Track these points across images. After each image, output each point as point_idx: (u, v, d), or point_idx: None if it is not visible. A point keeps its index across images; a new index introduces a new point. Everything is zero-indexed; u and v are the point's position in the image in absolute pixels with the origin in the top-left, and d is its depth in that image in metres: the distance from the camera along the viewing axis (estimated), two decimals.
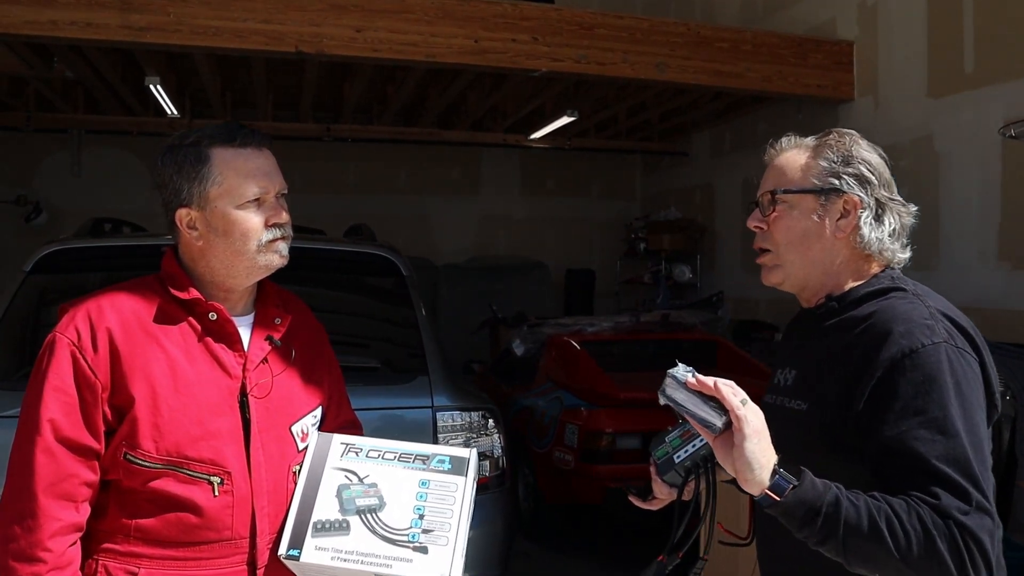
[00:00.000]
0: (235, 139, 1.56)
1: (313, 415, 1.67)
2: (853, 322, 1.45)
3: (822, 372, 1.46)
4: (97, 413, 1.46)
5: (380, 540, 1.49)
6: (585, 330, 6.02)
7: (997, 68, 5.57)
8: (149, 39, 5.40)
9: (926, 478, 1.28)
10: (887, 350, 1.35)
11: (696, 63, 6.51)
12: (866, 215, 1.49)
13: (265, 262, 1.58)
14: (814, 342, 1.52)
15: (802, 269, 1.54)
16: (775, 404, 1.55)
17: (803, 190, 1.52)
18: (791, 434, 1.43)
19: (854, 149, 1.52)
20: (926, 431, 1.30)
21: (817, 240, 1.51)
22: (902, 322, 1.38)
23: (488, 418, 3.05)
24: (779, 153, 1.59)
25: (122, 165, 9.77)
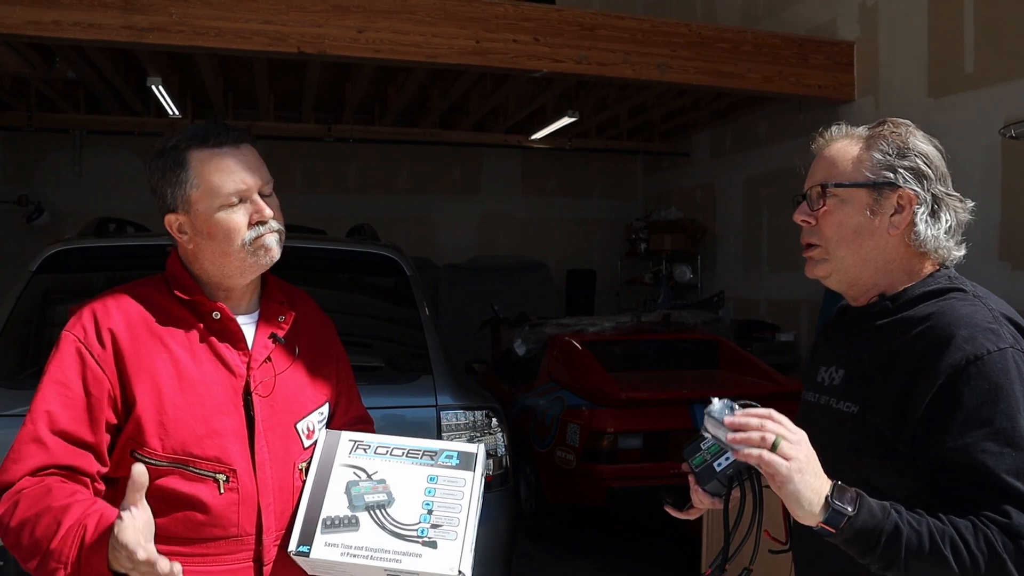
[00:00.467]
0: (208, 139, 1.55)
1: (319, 412, 1.68)
2: (910, 323, 1.39)
3: (876, 374, 1.40)
4: (102, 409, 1.48)
5: (389, 536, 1.50)
6: (587, 330, 6.03)
7: (997, 68, 5.59)
8: (151, 40, 5.40)
9: (994, 494, 1.23)
10: (949, 356, 1.29)
11: (697, 64, 6.51)
12: (922, 211, 1.42)
13: (254, 260, 1.58)
14: (864, 342, 1.46)
15: (853, 266, 1.47)
16: (821, 404, 1.50)
17: (856, 184, 1.44)
18: (840, 437, 1.40)
19: (910, 140, 1.45)
20: (993, 443, 1.24)
21: (870, 236, 1.44)
22: (965, 326, 1.32)
23: (492, 417, 3.06)
24: (828, 143, 1.53)
25: (123, 165, 9.79)
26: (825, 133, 1.54)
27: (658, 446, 4.79)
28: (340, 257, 3.41)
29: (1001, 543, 1.19)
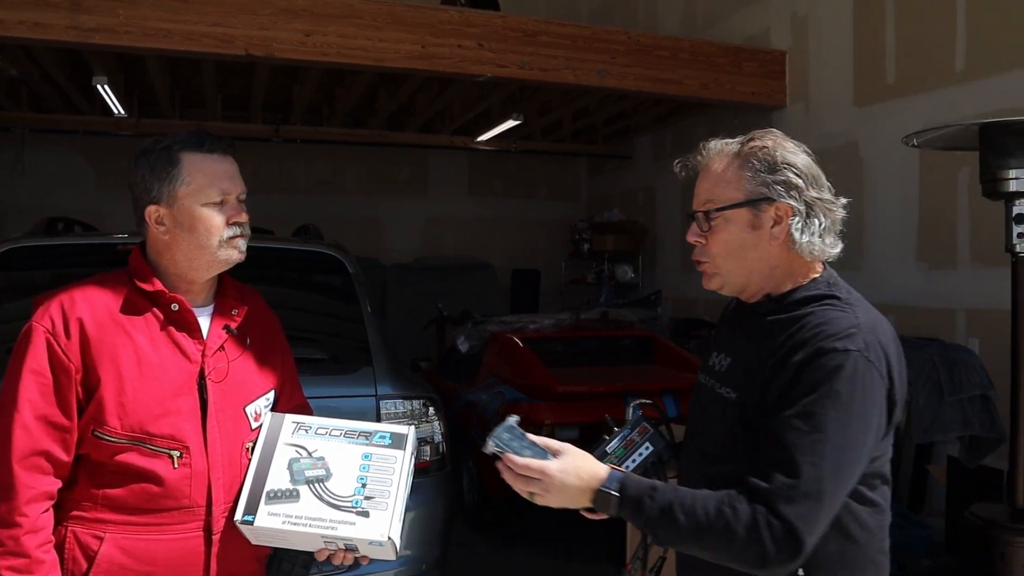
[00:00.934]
0: (204, 145, 1.75)
1: (266, 397, 1.86)
2: (789, 323, 1.52)
3: (752, 366, 1.53)
4: (71, 394, 1.63)
5: (327, 506, 1.67)
6: (527, 327, 6.21)
7: (915, 80, 5.90)
8: (98, 40, 5.41)
9: (773, 459, 1.39)
10: (804, 350, 1.44)
11: (636, 70, 6.73)
12: (797, 220, 1.53)
13: (225, 256, 1.76)
14: (749, 335, 1.60)
15: (740, 276, 1.60)
16: (708, 386, 1.65)
17: (736, 204, 1.56)
18: (721, 421, 1.56)
19: (778, 154, 1.55)
20: (801, 421, 1.39)
21: (753, 249, 1.57)
22: (829, 327, 1.46)
23: (429, 406, 3.23)
24: (707, 161, 1.63)
25: (68, 164, 9.70)
26: (703, 151, 1.65)
27: (594, 437, 4.95)
28: (286, 256, 3.55)
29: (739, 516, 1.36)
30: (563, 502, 1.47)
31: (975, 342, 5.23)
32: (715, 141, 1.64)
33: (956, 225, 5.60)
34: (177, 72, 7.78)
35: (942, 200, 5.69)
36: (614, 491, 1.45)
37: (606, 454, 1.63)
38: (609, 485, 1.45)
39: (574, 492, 1.46)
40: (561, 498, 1.47)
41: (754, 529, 1.35)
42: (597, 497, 1.45)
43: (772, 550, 1.34)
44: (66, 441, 1.64)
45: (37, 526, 1.58)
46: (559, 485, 1.46)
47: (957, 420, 3.38)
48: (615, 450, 1.64)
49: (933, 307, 5.72)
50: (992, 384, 3.64)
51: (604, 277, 10.01)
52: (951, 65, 5.60)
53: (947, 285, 5.64)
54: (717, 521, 1.37)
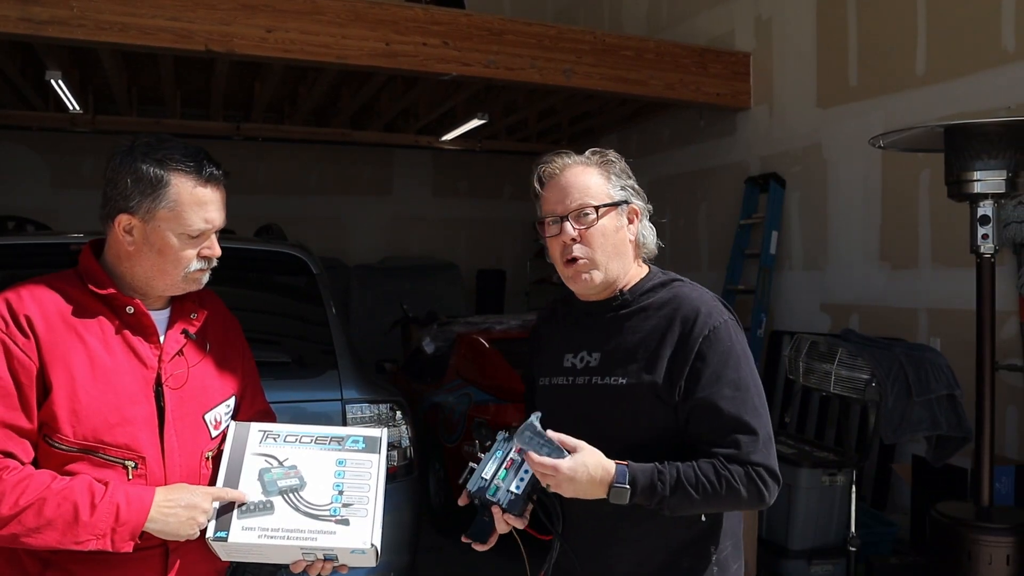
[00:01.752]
0: (202, 173, 1.65)
1: (226, 404, 1.77)
2: (655, 306, 1.76)
3: (638, 350, 1.72)
4: (32, 394, 1.54)
5: (304, 516, 1.61)
6: (493, 328, 6.17)
7: (877, 82, 5.97)
8: (51, 33, 5.26)
9: (728, 428, 1.64)
10: (699, 328, 1.69)
11: (602, 70, 6.73)
12: (645, 220, 1.82)
13: (184, 287, 1.70)
14: (614, 328, 1.77)
15: (613, 271, 1.77)
16: (579, 384, 1.77)
17: (611, 203, 1.76)
18: (613, 406, 1.72)
19: (622, 164, 1.81)
20: (728, 389, 1.65)
21: (622, 245, 1.77)
22: (703, 304, 1.73)
23: (396, 410, 3.17)
24: (564, 169, 1.78)
25: (21, 161, 9.46)
26: (554, 161, 1.80)
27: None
28: (248, 256, 3.46)
29: (736, 476, 1.60)
30: (577, 493, 1.60)
31: (936, 341, 5.29)
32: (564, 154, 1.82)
33: (918, 226, 5.67)
34: (134, 67, 7.61)
35: (904, 201, 5.76)
36: (626, 485, 1.59)
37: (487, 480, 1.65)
38: (621, 480, 1.59)
39: (586, 486, 1.59)
40: (574, 490, 1.60)
41: (751, 482, 1.62)
42: (611, 493, 1.59)
43: (766, 491, 1.63)
44: (27, 444, 1.55)
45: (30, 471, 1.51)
46: (570, 479, 1.58)
47: (926, 420, 3.41)
48: (496, 474, 1.65)
49: (895, 307, 5.79)
50: (958, 384, 3.67)
51: None
52: (912, 68, 5.67)
53: (909, 285, 5.70)
54: (722, 486, 1.60)
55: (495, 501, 1.64)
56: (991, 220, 3.29)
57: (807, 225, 6.58)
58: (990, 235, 3.31)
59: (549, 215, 1.78)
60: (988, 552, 3.23)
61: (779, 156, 6.93)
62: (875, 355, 3.47)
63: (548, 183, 1.80)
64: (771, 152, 7.04)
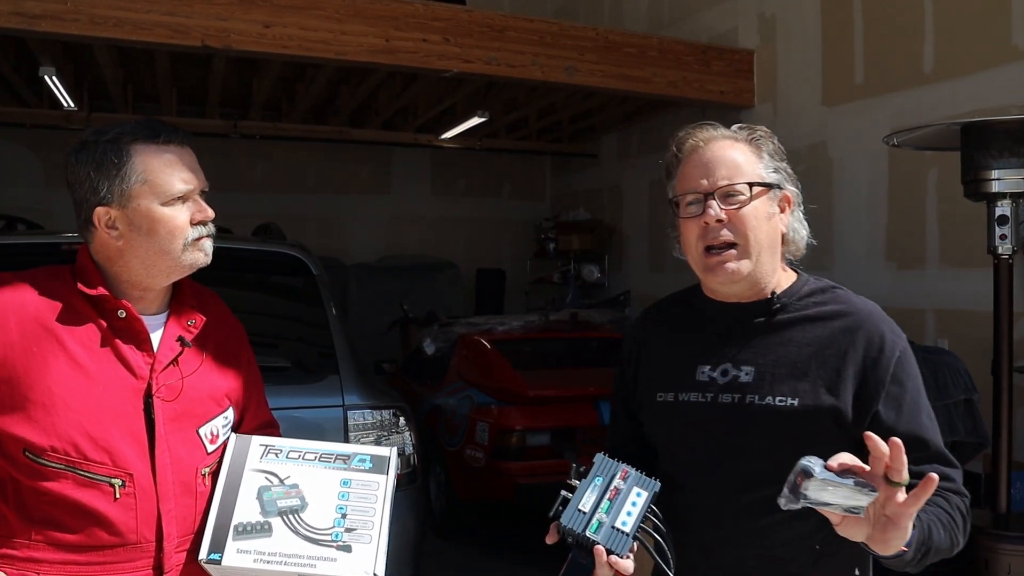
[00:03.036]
0: (159, 136, 1.53)
1: (224, 417, 1.65)
2: (823, 316, 1.47)
3: (808, 366, 1.44)
4: None
5: (303, 540, 1.49)
6: (495, 329, 6.08)
7: (884, 80, 5.89)
8: (44, 28, 5.17)
9: (934, 459, 1.42)
10: (890, 350, 1.44)
11: (604, 67, 6.65)
12: (798, 211, 1.51)
13: (190, 261, 1.56)
14: (770, 336, 1.48)
15: (763, 265, 1.48)
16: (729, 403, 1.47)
17: (765, 184, 1.46)
18: (778, 431, 1.42)
19: (779, 144, 1.52)
20: (927, 419, 1.44)
21: (774, 234, 1.49)
22: (884, 321, 1.48)
23: (399, 416, 3.07)
24: (709, 142, 1.50)
25: (14, 159, 9.34)
26: (698, 133, 1.53)
27: (565, 442, 4.87)
28: (246, 256, 3.36)
29: (964, 508, 1.41)
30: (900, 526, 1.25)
31: (944, 342, 5.22)
32: (710, 125, 1.54)
33: (925, 225, 5.59)
34: (129, 64, 7.51)
35: (911, 200, 5.68)
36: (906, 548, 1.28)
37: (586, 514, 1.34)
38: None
39: None
40: None
41: (966, 514, 1.42)
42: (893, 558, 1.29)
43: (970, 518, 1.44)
44: None
45: None
46: None
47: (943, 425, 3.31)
48: (599, 506, 1.35)
49: (902, 307, 5.69)
50: (975, 388, 3.59)
51: (570, 277, 9.93)
52: (919, 66, 5.60)
53: (916, 285, 5.63)
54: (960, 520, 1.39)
55: (597, 541, 1.33)
56: (1009, 220, 3.21)
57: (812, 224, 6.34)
58: (1008, 235, 3.23)
59: (689, 192, 1.48)
60: (1007, 561, 3.15)
61: None
62: None
63: (688, 156, 1.51)
64: None
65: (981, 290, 5.12)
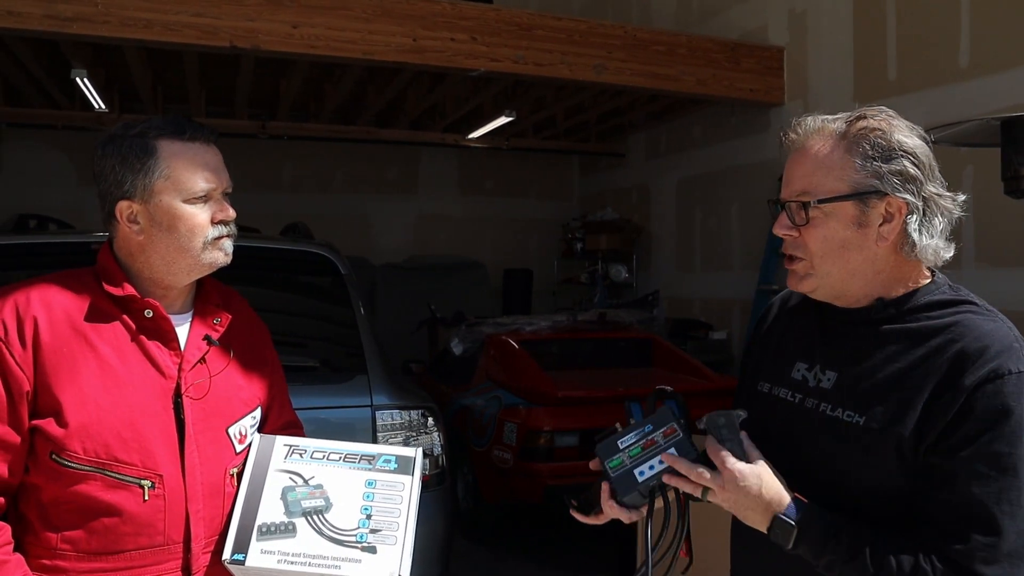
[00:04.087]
0: (184, 132, 1.53)
1: (252, 416, 1.64)
2: (925, 333, 1.30)
3: (888, 385, 1.31)
4: (23, 410, 1.42)
5: (327, 541, 1.47)
6: (523, 329, 6.04)
7: (918, 76, 5.79)
8: (75, 30, 5.23)
9: (962, 513, 1.22)
10: (974, 371, 1.23)
11: (633, 65, 6.60)
12: (915, 219, 1.30)
13: (209, 260, 1.55)
14: (863, 346, 1.36)
15: (840, 280, 1.36)
16: (807, 407, 1.40)
17: (840, 196, 1.31)
18: (838, 448, 1.33)
19: (894, 138, 1.31)
20: (984, 465, 1.21)
21: (858, 250, 1.33)
22: (994, 341, 1.26)
23: (427, 416, 3.04)
24: (803, 140, 1.37)
25: (46, 160, 9.46)
26: (798, 128, 1.39)
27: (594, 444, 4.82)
28: (274, 256, 3.35)
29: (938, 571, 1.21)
30: (733, 506, 1.30)
31: None
32: (814, 117, 1.39)
33: (961, 224, 5.46)
34: (159, 65, 7.58)
35: None
36: (792, 521, 1.27)
37: (617, 449, 1.34)
38: (788, 514, 1.27)
39: (750, 503, 1.29)
40: (734, 502, 1.30)
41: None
42: (775, 523, 1.28)
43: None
44: (14, 462, 1.42)
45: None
46: (736, 487, 1.28)
47: None
48: (630, 447, 1.34)
49: None
50: None
51: (598, 277, 9.87)
52: (955, 60, 5.49)
53: None
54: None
55: (608, 472, 1.34)
56: None
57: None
58: None
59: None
60: None
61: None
62: None
63: (788, 154, 1.40)
64: None
65: (1022, 290, 5.01)
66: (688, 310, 8.49)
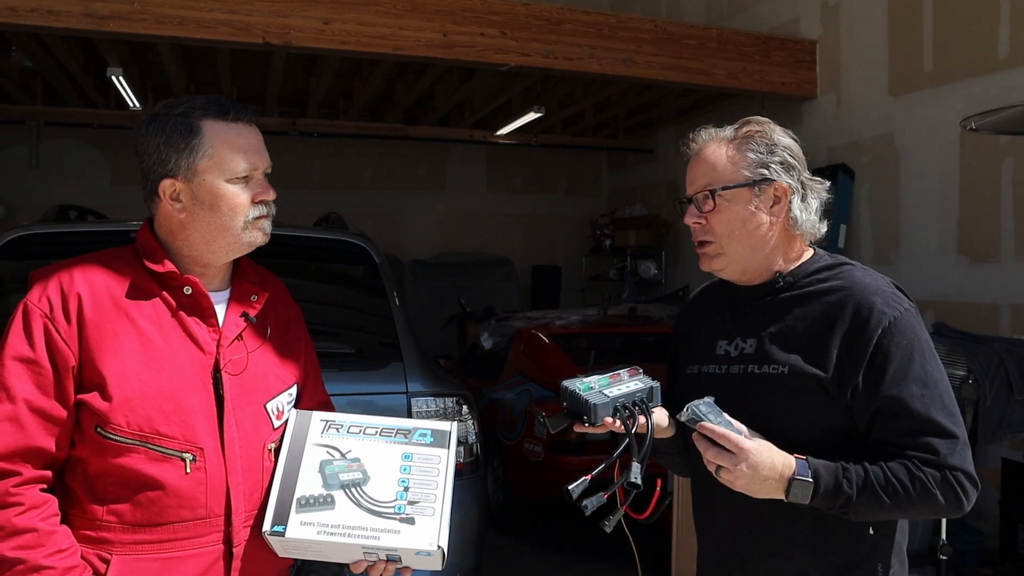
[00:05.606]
0: (228, 112, 1.55)
1: (288, 393, 1.66)
2: (821, 292, 1.59)
3: (800, 337, 1.57)
4: (68, 385, 1.45)
5: (366, 513, 1.49)
6: (553, 323, 6.04)
7: (954, 67, 5.70)
8: (112, 28, 5.30)
9: (922, 430, 1.48)
10: (876, 319, 1.52)
11: (663, 59, 6.56)
12: (796, 199, 1.61)
13: (249, 239, 1.58)
14: (772, 312, 1.62)
15: (744, 257, 1.63)
16: (734, 373, 1.64)
17: (738, 184, 1.60)
18: (771, 397, 1.57)
19: (774, 137, 1.62)
20: (916, 387, 1.49)
21: (756, 228, 1.61)
22: (877, 292, 1.55)
23: (462, 404, 3.06)
24: (701, 147, 1.65)
25: (82, 158, 9.61)
26: (696, 139, 1.67)
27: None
28: (309, 244, 3.38)
29: (932, 480, 1.45)
30: (748, 483, 1.46)
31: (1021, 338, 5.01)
32: (707, 129, 1.68)
33: (1000, 216, 5.39)
34: (192, 63, 7.66)
35: (984, 191, 5.48)
36: (808, 478, 1.45)
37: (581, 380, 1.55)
38: (802, 473, 1.45)
39: (765, 474, 1.45)
40: (748, 478, 1.45)
41: (948, 487, 1.46)
42: (793, 486, 1.45)
43: (965, 498, 1.48)
44: (60, 436, 1.45)
45: (37, 502, 1.41)
46: (751, 463, 1.44)
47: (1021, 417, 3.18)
48: (599, 379, 1.55)
49: (975, 302, 5.52)
50: None
51: (627, 273, 9.83)
52: (994, 50, 5.39)
53: (990, 279, 5.43)
54: (916, 490, 1.45)
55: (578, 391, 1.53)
56: None
57: (877, 218, 6.32)
58: None
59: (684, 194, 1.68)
60: None
61: (847, 147, 6.68)
62: (972, 350, 3.25)
63: (689, 161, 1.68)
64: (839, 143, 6.78)
65: None
66: None
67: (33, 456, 1.43)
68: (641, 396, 1.54)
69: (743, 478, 1.45)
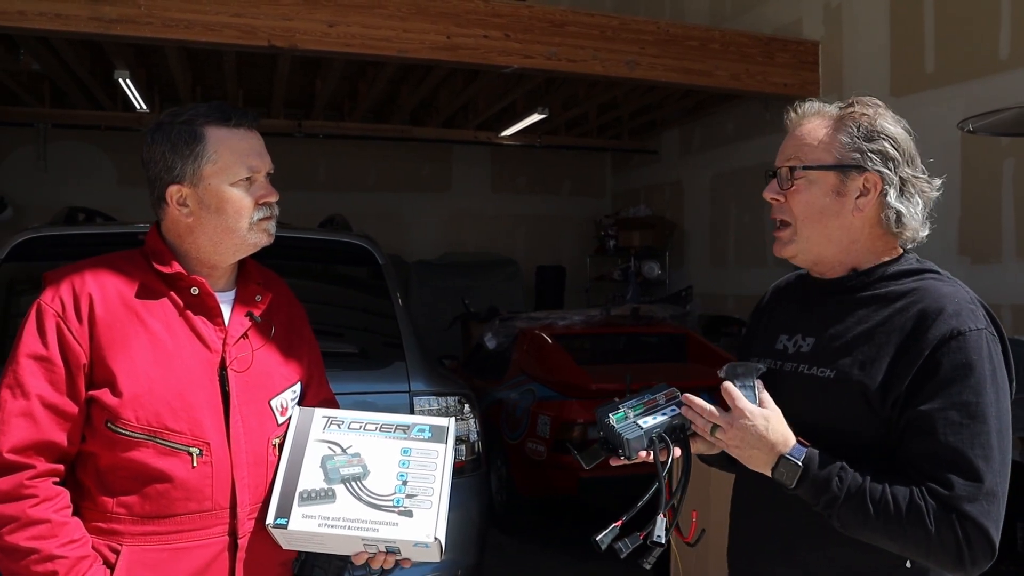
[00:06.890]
0: (230, 119, 1.60)
1: (292, 390, 1.71)
2: (892, 296, 1.45)
3: (856, 342, 1.45)
4: (80, 382, 1.50)
5: (366, 506, 1.54)
6: (557, 323, 6.08)
7: (956, 68, 5.73)
8: (119, 31, 5.36)
9: (944, 457, 1.32)
10: (936, 328, 1.36)
11: (666, 61, 6.60)
12: (892, 193, 1.45)
13: (254, 240, 1.63)
14: (837, 313, 1.50)
15: (817, 245, 1.51)
16: (787, 371, 1.53)
17: (822, 166, 1.48)
18: (819, 401, 1.46)
19: (878, 123, 1.47)
20: (956, 413, 1.32)
21: (835, 217, 1.48)
22: (951, 303, 1.39)
23: (464, 403, 3.10)
24: (800, 120, 1.54)
25: (89, 160, 9.67)
26: (798, 108, 1.55)
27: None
28: (313, 246, 3.43)
29: (931, 514, 1.30)
30: (741, 449, 1.41)
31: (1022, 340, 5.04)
32: (813, 102, 1.55)
33: (1001, 217, 5.42)
34: (198, 66, 7.72)
35: (985, 192, 5.51)
36: (799, 461, 1.37)
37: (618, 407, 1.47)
38: (794, 454, 1.38)
39: (756, 443, 1.39)
40: (740, 442, 1.40)
41: (947, 530, 1.29)
42: (780, 463, 1.38)
43: (967, 552, 1.29)
44: (72, 431, 1.51)
45: (50, 494, 1.47)
46: (746, 428, 1.38)
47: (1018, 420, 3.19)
48: (633, 406, 1.47)
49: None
50: None
51: (631, 274, 9.86)
52: (995, 51, 5.42)
53: (991, 280, 5.45)
54: (909, 517, 1.31)
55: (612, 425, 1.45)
56: None
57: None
58: None
59: None
60: None
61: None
62: None
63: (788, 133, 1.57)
64: None
65: None
66: (722, 306, 8.46)
67: (46, 450, 1.48)
68: (679, 423, 1.46)
69: (732, 440, 1.39)
